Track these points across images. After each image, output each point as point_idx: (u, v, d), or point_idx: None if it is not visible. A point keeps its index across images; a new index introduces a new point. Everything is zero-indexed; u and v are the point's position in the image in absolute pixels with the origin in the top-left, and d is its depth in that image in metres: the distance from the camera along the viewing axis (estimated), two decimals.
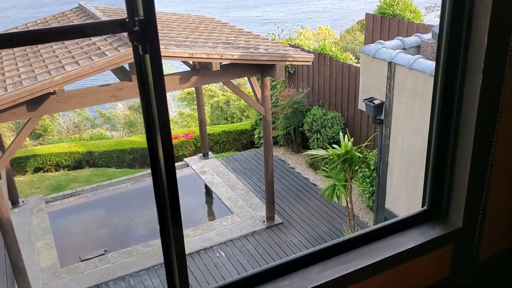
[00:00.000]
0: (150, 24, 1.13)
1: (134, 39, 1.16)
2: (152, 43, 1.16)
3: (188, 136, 12.71)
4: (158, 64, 1.18)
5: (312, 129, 10.64)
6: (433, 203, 1.90)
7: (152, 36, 1.15)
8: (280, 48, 8.10)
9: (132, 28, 1.15)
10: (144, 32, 1.14)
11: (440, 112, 1.81)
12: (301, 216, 9.39)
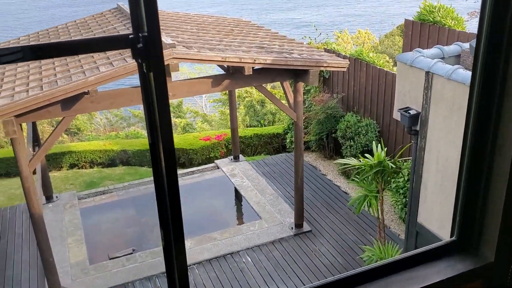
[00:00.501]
0: (154, 41, 1.06)
1: (137, 56, 1.09)
2: (155, 61, 1.08)
3: (220, 138, 12.71)
4: (162, 83, 1.10)
5: (346, 135, 10.43)
6: (462, 233, 1.76)
7: (155, 54, 1.07)
8: (315, 53, 7.97)
9: (136, 45, 1.08)
10: (148, 49, 1.07)
11: (474, 133, 1.67)
12: (331, 224, 9.21)
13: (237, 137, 11.37)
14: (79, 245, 8.78)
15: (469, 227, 1.75)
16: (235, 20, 10.52)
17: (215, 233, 8.87)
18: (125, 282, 7.84)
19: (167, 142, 1.16)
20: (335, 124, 11.00)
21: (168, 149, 1.17)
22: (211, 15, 10.71)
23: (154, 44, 1.07)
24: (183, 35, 7.84)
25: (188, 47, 6.97)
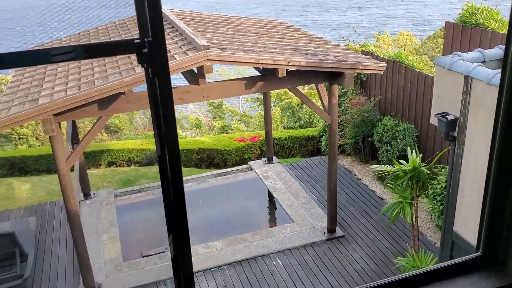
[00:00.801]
0: (159, 46, 1.05)
1: (143, 61, 1.07)
2: (160, 67, 1.07)
3: (255, 139, 12.71)
4: (166, 88, 1.09)
5: (382, 140, 10.22)
6: (488, 248, 1.66)
7: (160, 59, 1.06)
8: (351, 55, 7.84)
9: (142, 50, 1.07)
10: (153, 55, 1.06)
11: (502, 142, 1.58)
12: (364, 230, 9.04)
13: (271, 139, 11.34)
14: (113, 242, 8.96)
15: (495, 242, 1.65)
16: (272, 22, 10.50)
17: (246, 235, 8.87)
18: (157, 280, 7.94)
19: (171, 146, 1.14)
20: (371, 127, 10.80)
21: (172, 151, 1.14)
22: (248, 17, 10.73)
23: (158, 49, 1.05)
24: (219, 37, 7.88)
25: (223, 49, 6.99)
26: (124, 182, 11.64)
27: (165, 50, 1.06)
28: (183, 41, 7.34)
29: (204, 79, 7.03)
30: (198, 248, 8.59)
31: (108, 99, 6.64)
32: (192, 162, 12.73)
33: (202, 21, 9.25)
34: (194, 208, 10.15)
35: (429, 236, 8.75)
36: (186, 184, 10.84)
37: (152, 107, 1.17)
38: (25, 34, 54.34)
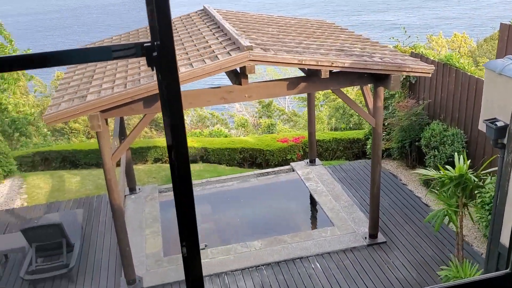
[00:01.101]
0: (167, 50, 1.05)
1: (152, 64, 1.08)
2: (168, 70, 1.07)
3: (298, 140, 12.64)
4: (174, 92, 1.09)
5: (430, 144, 9.90)
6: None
7: (167, 63, 1.06)
8: (398, 57, 7.64)
9: (152, 53, 1.07)
10: (161, 58, 1.06)
11: None
12: (407, 237, 8.78)
13: (314, 140, 11.23)
14: (155, 236, 9.16)
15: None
16: (318, 22, 10.39)
17: (285, 236, 8.83)
18: None
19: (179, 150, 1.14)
20: (419, 132, 10.48)
21: (180, 153, 1.15)
22: (295, 17, 10.67)
23: (166, 53, 1.05)
24: (263, 37, 7.89)
25: (266, 50, 6.99)
26: (168, 178, 11.87)
27: (173, 54, 1.06)
28: (227, 41, 7.39)
29: (247, 79, 7.05)
30: (237, 247, 8.63)
31: (153, 97, 6.78)
32: (235, 161, 12.82)
33: (248, 21, 9.28)
34: (235, 207, 10.22)
35: (476, 246, 8.40)
36: (228, 183, 10.94)
37: (163, 111, 1.18)
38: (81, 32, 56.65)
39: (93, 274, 8.25)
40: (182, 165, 1.15)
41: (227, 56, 6.69)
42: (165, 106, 1.12)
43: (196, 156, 12.92)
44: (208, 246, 8.89)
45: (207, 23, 8.99)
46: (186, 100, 7.02)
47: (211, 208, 10.21)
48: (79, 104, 6.29)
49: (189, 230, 1.30)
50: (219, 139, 13.60)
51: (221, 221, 9.79)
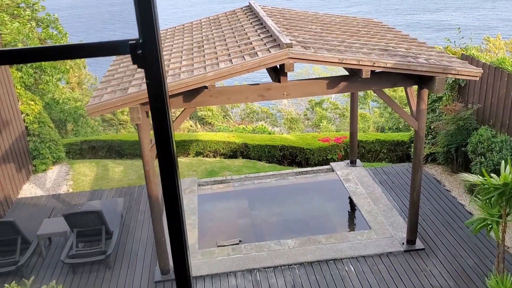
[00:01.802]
0: (152, 48, 1.04)
1: (137, 62, 1.08)
2: (152, 69, 1.06)
3: (339, 140, 12.46)
4: (159, 92, 1.08)
5: (477, 151, 9.49)
6: None
7: (152, 61, 1.05)
8: (444, 59, 7.36)
9: (136, 51, 1.07)
10: (145, 57, 1.05)
11: None
12: (447, 245, 8.48)
13: (355, 141, 11.03)
14: (192, 229, 9.29)
15: None
16: (365, 21, 10.18)
17: (320, 236, 8.74)
18: (228, 271, 8.11)
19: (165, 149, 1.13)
20: (466, 137, 10.08)
21: (164, 150, 1.14)
22: (341, 15, 10.50)
23: (151, 51, 1.05)
24: (305, 35, 7.81)
25: (306, 47, 6.92)
26: (208, 172, 12.02)
27: (157, 52, 1.06)
28: (269, 38, 7.37)
29: (286, 77, 7.01)
30: (270, 244, 8.63)
31: (192, 92, 6.87)
32: (275, 158, 12.80)
33: (292, 18, 9.22)
34: (271, 204, 10.21)
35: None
36: (266, 180, 10.94)
37: (150, 108, 1.18)
38: None
39: (129, 262, 8.47)
40: (167, 162, 1.15)
41: (267, 53, 6.68)
42: (151, 104, 1.12)
43: (237, 151, 13.00)
44: (243, 241, 8.93)
45: (251, 19, 9.00)
46: (224, 95, 7.07)
47: (248, 204, 10.25)
48: (120, 96, 6.46)
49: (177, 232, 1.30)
50: (260, 135, 13.62)
51: (257, 217, 9.81)
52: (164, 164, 1.16)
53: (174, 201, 1.21)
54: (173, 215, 1.25)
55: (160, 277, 8.05)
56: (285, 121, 20.85)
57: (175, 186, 1.18)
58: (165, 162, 1.16)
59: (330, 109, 21.73)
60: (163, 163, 1.16)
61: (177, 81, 6.57)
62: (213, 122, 18.94)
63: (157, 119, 1.10)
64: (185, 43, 8.57)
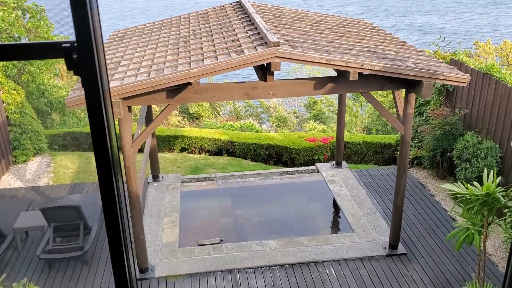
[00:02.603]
0: (87, 52, 0.91)
1: (72, 67, 0.94)
2: (88, 75, 0.93)
3: (326, 141, 12.37)
4: (95, 100, 0.95)
5: (462, 156, 9.46)
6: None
7: (88, 67, 0.92)
8: (433, 64, 7.28)
9: (71, 55, 0.93)
10: (80, 62, 0.92)
11: None
12: (429, 250, 8.44)
13: (342, 142, 10.94)
14: (173, 226, 9.15)
15: None
16: (355, 21, 10.08)
17: (302, 238, 8.65)
18: (208, 270, 7.98)
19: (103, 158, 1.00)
20: (452, 142, 10.05)
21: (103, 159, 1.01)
22: (332, 15, 10.39)
23: (87, 56, 0.91)
24: (293, 34, 7.68)
25: (294, 47, 6.79)
26: (192, 169, 11.87)
27: (94, 58, 0.92)
28: (256, 35, 7.23)
29: (272, 76, 6.88)
30: (252, 245, 8.52)
31: (176, 88, 6.72)
32: (260, 157, 12.68)
33: (281, 16, 9.09)
34: (255, 204, 10.10)
35: (502, 267, 7.98)
36: (250, 179, 10.82)
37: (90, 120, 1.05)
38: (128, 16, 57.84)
39: (107, 258, 8.30)
40: (105, 170, 1.02)
41: (253, 51, 6.54)
42: (88, 111, 0.99)
43: (222, 149, 12.85)
44: (224, 241, 8.81)
45: (240, 15, 8.85)
46: (208, 92, 6.92)
47: (231, 203, 10.13)
48: None
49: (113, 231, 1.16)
50: (246, 133, 13.49)
51: (239, 216, 9.69)
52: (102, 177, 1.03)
53: (112, 203, 1.08)
54: (111, 216, 1.12)
55: (139, 275, 7.90)
56: (273, 120, 20.75)
57: (112, 189, 1.05)
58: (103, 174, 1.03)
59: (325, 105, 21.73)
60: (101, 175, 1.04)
61: (160, 76, 6.40)
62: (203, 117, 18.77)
63: (94, 127, 0.98)
64: (172, 37, 8.39)
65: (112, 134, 1.01)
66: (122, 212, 1.11)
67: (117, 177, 1.05)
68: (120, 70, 7.02)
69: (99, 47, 0.93)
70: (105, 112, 0.97)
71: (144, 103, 7.12)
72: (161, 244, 8.61)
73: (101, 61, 0.94)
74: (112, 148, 1.01)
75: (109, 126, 0.99)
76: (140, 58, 7.44)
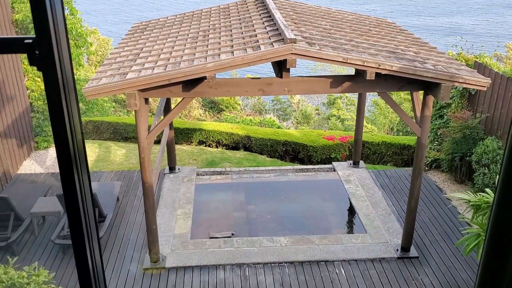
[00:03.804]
0: (47, 49, 0.93)
1: (35, 64, 0.96)
2: (48, 73, 0.95)
3: (345, 139, 12.28)
4: (55, 98, 0.97)
5: (481, 161, 9.28)
6: None
7: (47, 64, 0.94)
8: (453, 66, 7.15)
9: (34, 51, 0.96)
10: (42, 57, 0.94)
11: None
12: (442, 255, 8.33)
13: (360, 142, 10.85)
14: (186, 218, 9.24)
15: None
16: (378, 20, 9.95)
17: (314, 237, 8.63)
18: (217, 263, 8.05)
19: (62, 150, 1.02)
20: (472, 146, 9.86)
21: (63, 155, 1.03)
22: (354, 13, 10.28)
23: (47, 53, 0.93)
24: (312, 31, 7.64)
25: (311, 44, 6.76)
26: (208, 162, 11.95)
27: (53, 53, 0.94)
28: (274, 31, 7.22)
29: (288, 72, 6.86)
30: (263, 240, 8.54)
31: (192, 81, 6.77)
32: (277, 153, 12.67)
33: (302, 13, 9.04)
34: (268, 199, 10.11)
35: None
36: (265, 174, 10.83)
37: None
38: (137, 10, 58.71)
39: (120, 247, 8.45)
40: (65, 164, 1.04)
41: (270, 47, 6.53)
42: (49, 107, 1.01)
43: (239, 143, 12.89)
44: (235, 235, 8.87)
45: (260, 11, 8.84)
46: (223, 87, 6.95)
47: (245, 197, 10.16)
48: (117, 81, 6.37)
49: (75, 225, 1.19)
50: (263, 128, 13.48)
51: (252, 212, 9.72)
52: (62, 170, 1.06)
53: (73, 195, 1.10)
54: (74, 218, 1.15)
55: (150, 264, 8.02)
56: (296, 116, 20.69)
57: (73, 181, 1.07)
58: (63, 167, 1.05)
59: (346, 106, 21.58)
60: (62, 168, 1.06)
61: (176, 69, 6.46)
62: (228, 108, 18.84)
63: (54, 120, 0.99)
64: (191, 31, 8.44)
65: (76, 128, 1.03)
66: (86, 206, 1.14)
67: (79, 170, 1.08)
68: (139, 62, 7.11)
69: (62, 42, 0.95)
70: (66, 107, 0.99)
71: (160, 95, 7.20)
72: (174, 235, 8.71)
73: (64, 56, 0.96)
74: (75, 142, 1.03)
75: (71, 120, 1.01)
76: (159, 51, 7.51)
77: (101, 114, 16.97)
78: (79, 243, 1.16)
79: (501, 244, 1.25)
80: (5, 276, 5.09)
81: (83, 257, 1.18)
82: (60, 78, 0.97)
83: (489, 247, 1.27)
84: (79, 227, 1.12)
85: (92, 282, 1.22)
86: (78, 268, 1.19)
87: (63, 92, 0.98)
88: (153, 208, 7.70)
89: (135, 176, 10.86)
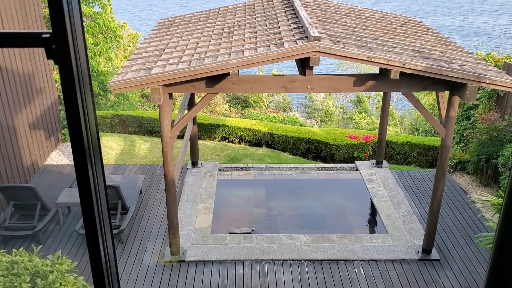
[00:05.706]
0: (63, 43, 0.97)
1: (51, 57, 1.01)
2: (63, 65, 0.99)
3: (368, 138, 12.18)
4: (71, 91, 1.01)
5: (508, 164, 9.09)
6: None
7: (64, 58, 0.98)
8: (481, 67, 7.02)
9: (51, 45, 1.00)
10: (58, 52, 0.99)
11: None
12: (464, 258, 8.20)
13: (383, 141, 10.74)
14: (207, 213, 9.33)
15: None
16: (405, 19, 9.83)
17: (334, 235, 8.60)
18: (237, 259, 8.11)
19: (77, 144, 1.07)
20: (498, 148, 9.65)
21: (78, 148, 1.07)
22: (380, 11, 10.17)
23: (63, 47, 0.98)
24: (337, 29, 7.60)
25: (335, 42, 6.73)
26: (231, 158, 12.02)
27: (67, 48, 0.98)
28: (299, 29, 7.21)
29: (311, 70, 6.85)
30: (282, 237, 8.56)
31: (215, 78, 6.82)
32: (299, 151, 12.66)
33: (328, 10, 8.99)
34: (289, 197, 10.11)
35: None
36: (287, 172, 10.84)
37: None
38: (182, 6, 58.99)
39: (141, 239, 8.59)
40: (79, 157, 1.09)
41: (293, 44, 6.53)
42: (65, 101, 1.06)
43: (261, 140, 12.92)
44: (255, 231, 8.91)
45: (286, 8, 8.83)
46: (246, 84, 6.98)
47: (266, 194, 10.19)
48: (142, 76, 6.47)
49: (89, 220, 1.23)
50: (286, 126, 13.48)
51: (272, 208, 9.74)
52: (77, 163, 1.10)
53: (88, 196, 1.15)
54: (88, 210, 1.19)
55: (170, 257, 8.13)
56: (320, 114, 20.61)
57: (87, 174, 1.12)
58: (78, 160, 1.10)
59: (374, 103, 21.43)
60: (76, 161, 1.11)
61: (199, 65, 6.52)
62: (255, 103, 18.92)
63: (69, 113, 1.04)
64: (217, 27, 8.50)
65: (90, 121, 1.07)
66: (99, 198, 1.18)
67: (92, 162, 1.12)
68: (164, 57, 7.21)
69: (78, 37, 0.99)
70: (81, 100, 1.03)
71: (184, 91, 7.27)
72: (194, 229, 8.81)
73: (79, 50, 1.01)
74: (89, 134, 1.07)
75: (86, 114, 1.05)
76: (184, 46, 7.59)
77: (127, 107, 17.26)
78: (92, 234, 1.20)
79: (510, 242, 1.25)
80: (30, 263, 5.24)
81: (96, 249, 1.22)
82: (75, 72, 1.01)
83: (497, 245, 1.26)
84: (92, 219, 1.17)
85: (104, 273, 1.26)
86: (91, 260, 1.24)
87: (78, 86, 1.02)
88: (175, 201, 7.80)
89: (158, 170, 11.01)
